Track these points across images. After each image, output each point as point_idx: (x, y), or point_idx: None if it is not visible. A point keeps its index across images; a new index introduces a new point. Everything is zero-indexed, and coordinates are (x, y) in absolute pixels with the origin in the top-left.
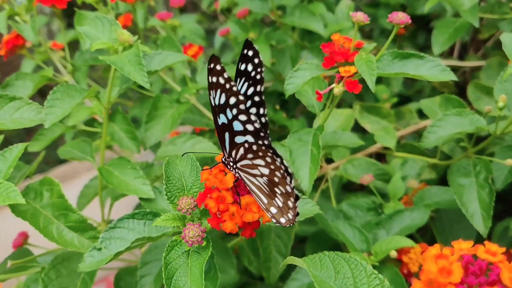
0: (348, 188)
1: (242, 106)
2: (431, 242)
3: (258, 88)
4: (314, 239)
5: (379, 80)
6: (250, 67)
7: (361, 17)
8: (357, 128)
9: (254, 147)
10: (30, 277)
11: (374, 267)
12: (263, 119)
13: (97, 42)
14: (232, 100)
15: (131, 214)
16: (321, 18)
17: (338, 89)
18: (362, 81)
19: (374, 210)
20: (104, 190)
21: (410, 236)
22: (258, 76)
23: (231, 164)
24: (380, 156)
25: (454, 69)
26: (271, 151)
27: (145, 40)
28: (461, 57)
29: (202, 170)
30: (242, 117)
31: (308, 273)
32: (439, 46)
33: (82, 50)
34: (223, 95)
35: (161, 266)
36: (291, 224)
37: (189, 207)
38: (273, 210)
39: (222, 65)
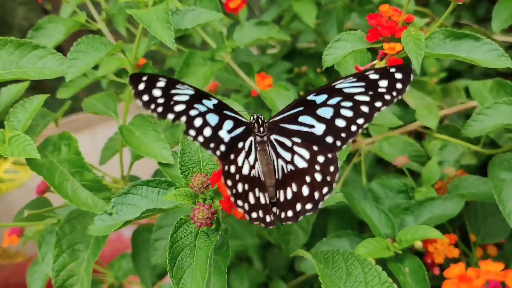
0: (382, 162)
1: None
2: (461, 230)
3: (378, 104)
4: (339, 214)
5: None
6: (384, 83)
7: None
8: (399, 101)
9: None
10: (46, 228)
11: (397, 255)
12: (353, 127)
13: None
14: None
15: (145, 181)
16: None
17: (380, 66)
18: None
19: (405, 193)
20: (125, 146)
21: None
22: (387, 97)
23: None
24: (420, 134)
25: None
26: None
27: None
28: None
29: None
30: None
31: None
32: (500, 23)
33: None
34: None
35: None
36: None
37: (201, 185)
38: None
39: None
